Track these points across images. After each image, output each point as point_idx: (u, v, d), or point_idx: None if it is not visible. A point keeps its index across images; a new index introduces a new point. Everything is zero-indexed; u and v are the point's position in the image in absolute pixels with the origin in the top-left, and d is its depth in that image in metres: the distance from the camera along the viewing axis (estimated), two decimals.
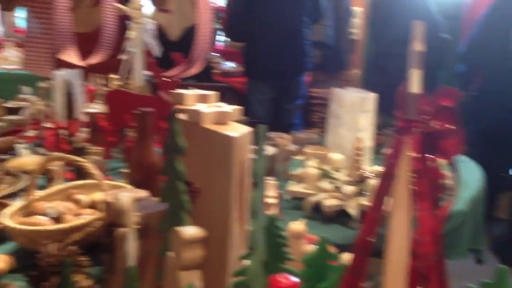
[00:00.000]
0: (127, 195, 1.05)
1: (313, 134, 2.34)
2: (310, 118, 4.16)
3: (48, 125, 2.62)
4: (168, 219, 1.03)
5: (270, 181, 1.53)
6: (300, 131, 2.65)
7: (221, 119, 1.11)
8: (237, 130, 1.08)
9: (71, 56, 1.31)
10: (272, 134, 2.30)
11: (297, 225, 1.13)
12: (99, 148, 1.88)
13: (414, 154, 0.68)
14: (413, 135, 0.68)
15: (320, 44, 4.01)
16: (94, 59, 1.34)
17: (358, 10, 4.36)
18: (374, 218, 0.71)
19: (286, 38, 3.38)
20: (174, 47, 3.26)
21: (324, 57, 4.08)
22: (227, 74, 4.21)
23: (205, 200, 1.08)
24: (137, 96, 2.13)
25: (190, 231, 0.89)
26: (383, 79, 3.22)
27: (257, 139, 0.94)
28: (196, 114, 1.10)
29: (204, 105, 1.16)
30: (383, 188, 0.72)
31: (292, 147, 1.99)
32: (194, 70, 1.10)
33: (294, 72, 3.51)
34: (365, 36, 4.30)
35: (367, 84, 3.62)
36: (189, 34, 3.53)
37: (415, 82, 0.66)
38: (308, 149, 1.99)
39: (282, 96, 3.54)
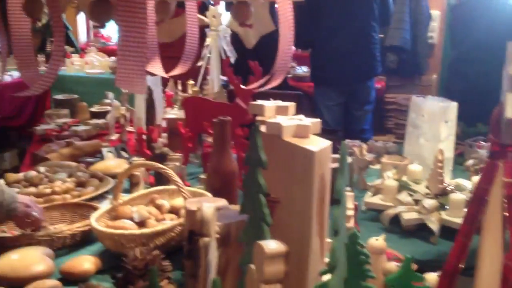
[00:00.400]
0: (210, 206, 1.08)
1: (390, 142, 2.29)
2: (385, 124, 4.09)
3: (130, 129, 2.74)
4: (249, 231, 1.05)
5: (347, 192, 1.52)
6: (377, 140, 2.60)
7: (301, 132, 1.11)
8: (317, 144, 1.08)
9: (156, 67, 1.36)
10: (348, 142, 2.28)
11: (378, 241, 1.12)
12: (179, 154, 1.94)
13: (508, 180, 0.66)
14: (508, 160, 0.66)
15: (395, 48, 3.92)
16: (178, 70, 1.39)
17: (436, 14, 4.22)
18: (464, 243, 0.69)
19: (353, 43, 3.34)
20: (250, 54, 3.31)
21: (400, 62, 3.99)
22: (299, 78, 4.21)
23: (284, 213, 1.09)
24: (214, 103, 2.18)
25: (272, 245, 0.90)
26: (463, 85, 3.11)
27: (340, 157, 0.94)
28: (276, 127, 1.11)
29: (284, 118, 1.17)
30: (474, 213, 0.70)
31: (369, 156, 1.96)
32: (275, 82, 1.12)
33: (361, 77, 3.45)
34: (443, 40, 4.15)
35: (445, 90, 3.50)
36: (265, 41, 3.58)
37: (510, 107, 0.64)
38: (385, 159, 1.95)
39: (351, 102, 3.50)
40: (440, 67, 4.08)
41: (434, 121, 1.90)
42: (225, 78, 2.85)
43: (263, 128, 1.17)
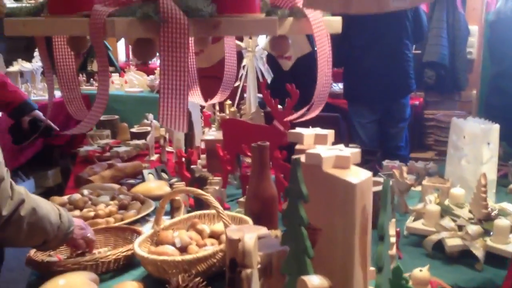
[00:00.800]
0: (251, 236, 1.09)
1: (430, 163, 2.25)
2: (424, 140, 4.03)
3: (170, 149, 2.79)
4: (290, 263, 1.06)
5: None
6: (416, 158, 2.56)
7: (341, 163, 1.11)
8: (358, 176, 1.08)
9: (196, 96, 1.40)
10: (387, 163, 2.26)
11: (422, 273, 1.10)
12: (218, 178, 1.96)
13: None
14: None
15: (433, 64, 3.88)
16: (217, 99, 1.42)
17: (474, 29, 4.14)
18: None
19: (385, 61, 3.31)
20: (286, 74, 3.32)
21: (438, 78, 3.93)
22: (336, 95, 4.20)
23: (326, 244, 1.09)
24: (252, 125, 2.20)
25: (316, 281, 0.90)
26: (504, 102, 3.05)
27: (382, 193, 0.93)
28: (316, 157, 1.12)
29: (324, 148, 1.18)
30: None
31: (410, 178, 1.93)
32: (313, 114, 1.13)
33: (395, 96, 3.43)
34: (482, 55, 4.07)
35: (485, 106, 3.43)
36: (301, 60, 3.59)
37: None
38: (426, 181, 1.92)
39: (385, 119, 3.48)
40: (479, 82, 4.01)
41: (476, 143, 1.87)
42: (261, 95, 2.87)
43: (302, 158, 1.18)
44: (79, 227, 1.54)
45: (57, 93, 4.06)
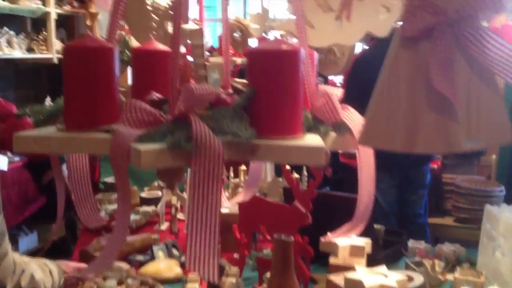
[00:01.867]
0: None
1: (458, 245, 2.12)
2: (443, 205, 3.88)
3: (181, 216, 2.67)
4: None
5: None
6: (436, 225, 2.44)
7: None
8: None
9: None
10: (413, 244, 2.14)
11: None
12: (235, 268, 1.84)
13: None
14: None
15: None
16: (240, 198, 1.33)
17: None
18: None
19: None
20: None
21: None
22: (350, 155, 4.08)
23: None
24: (272, 204, 2.08)
25: None
26: None
27: None
28: (358, 285, 1.00)
29: (365, 271, 1.06)
30: None
31: (441, 269, 1.80)
32: (354, 231, 1.03)
33: (415, 162, 3.33)
34: None
35: (508, 175, 3.32)
36: None
37: None
38: (458, 274, 1.79)
39: (405, 185, 3.37)
40: (498, 147, 3.90)
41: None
42: None
43: (340, 280, 1.06)
44: (69, 274, 1.62)
45: None
